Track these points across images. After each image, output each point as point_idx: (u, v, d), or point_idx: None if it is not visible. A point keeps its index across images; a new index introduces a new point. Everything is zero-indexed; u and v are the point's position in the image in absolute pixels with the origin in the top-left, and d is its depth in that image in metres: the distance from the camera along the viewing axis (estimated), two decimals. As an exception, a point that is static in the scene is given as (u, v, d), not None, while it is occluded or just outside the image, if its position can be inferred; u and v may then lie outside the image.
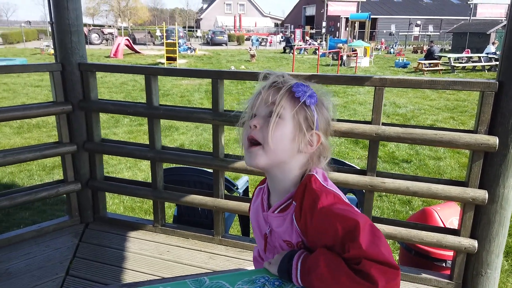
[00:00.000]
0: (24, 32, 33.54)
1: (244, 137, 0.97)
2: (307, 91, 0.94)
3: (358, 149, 5.96)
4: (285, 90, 0.93)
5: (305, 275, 0.88)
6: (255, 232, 1.11)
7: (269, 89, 0.94)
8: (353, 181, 2.10)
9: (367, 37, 26.24)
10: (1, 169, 4.95)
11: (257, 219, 1.08)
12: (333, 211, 0.87)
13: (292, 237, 0.96)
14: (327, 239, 0.86)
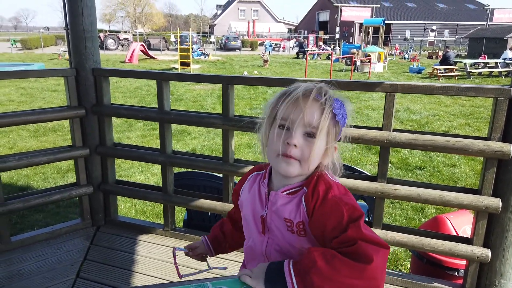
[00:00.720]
0: (42, 37, 34.32)
1: (275, 143, 0.97)
2: (342, 110, 0.99)
3: (371, 155, 5.91)
4: (329, 113, 0.96)
5: (303, 276, 0.88)
6: (247, 217, 1.13)
7: (310, 105, 0.95)
8: (363, 187, 2.08)
9: (381, 43, 26.06)
10: (17, 171, 5.05)
11: (253, 203, 1.10)
12: (342, 199, 0.96)
13: (296, 216, 1.00)
14: (331, 222, 0.93)
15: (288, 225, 1.02)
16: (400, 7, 47.92)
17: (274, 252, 1.07)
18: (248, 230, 1.15)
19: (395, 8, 47.49)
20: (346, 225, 0.91)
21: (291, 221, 1.01)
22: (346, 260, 0.85)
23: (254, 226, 1.10)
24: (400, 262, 3.14)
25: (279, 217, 1.03)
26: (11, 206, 2.41)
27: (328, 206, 0.96)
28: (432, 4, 50.10)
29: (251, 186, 1.14)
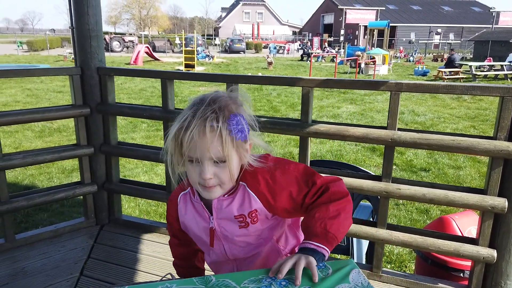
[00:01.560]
0: (48, 39, 34.58)
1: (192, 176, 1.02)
2: (240, 123, 0.99)
3: (375, 156, 5.89)
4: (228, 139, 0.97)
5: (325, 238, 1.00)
6: (196, 237, 1.19)
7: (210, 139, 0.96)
8: (367, 187, 2.07)
9: (386, 45, 26.02)
10: (22, 171, 5.08)
11: (195, 221, 1.15)
12: (283, 163, 1.10)
13: (245, 208, 1.08)
14: (293, 188, 1.06)
15: (240, 221, 1.09)
16: (405, 10, 47.83)
17: (237, 252, 1.16)
18: (203, 247, 1.22)
19: (400, 11, 47.41)
20: (307, 181, 1.07)
21: (242, 215, 1.08)
22: (334, 203, 1.04)
23: (204, 241, 1.17)
24: (404, 264, 3.12)
25: (229, 219, 1.09)
26: (16, 204, 2.42)
27: (279, 178, 1.07)
28: (437, 7, 49.98)
29: (185, 207, 1.17)
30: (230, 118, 0.98)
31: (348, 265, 0.95)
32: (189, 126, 0.95)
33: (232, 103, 1.02)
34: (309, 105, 2.12)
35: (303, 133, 2.14)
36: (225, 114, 0.98)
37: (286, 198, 1.07)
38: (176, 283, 0.89)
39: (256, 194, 1.07)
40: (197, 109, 0.98)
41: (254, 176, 1.07)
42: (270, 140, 6.77)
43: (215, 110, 0.97)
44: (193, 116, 0.97)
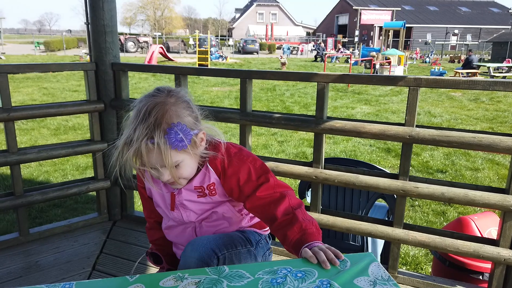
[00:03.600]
0: (65, 40, 35.15)
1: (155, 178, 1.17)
2: (178, 134, 1.05)
3: (390, 157, 5.79)
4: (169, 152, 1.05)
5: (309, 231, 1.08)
6: (158, 201, 1.32)
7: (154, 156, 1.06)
8: (384, 185, 2.02)
9: (402, 46, 25.68)
10: (37, 168, 5.14)
11: (160, 187, 1.27)
12: (243, 153, 1.21)
13: (204, 181, 1.20)
14: (242, 175, 1.17)
15: (199, 191, 1.22)
16: (421, 10, 47.22)
17: (193, 217, 1.27)
18: (163, 212, 1.34)
19: (416, 11, 46.83)
20: (259, 176, 1.17)
21: (201, 187, 1.21)
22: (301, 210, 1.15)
23: (166, 205, 1.29)
24: (420, 266, 3.05)
25: (190, 189, 1.22)
26: (30, 198, 2.44)
27: (235, 162, 1.18)
28: (455, 7, 49.22)
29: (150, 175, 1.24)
30: (167, 132, 1.04)
31: (367, 258, 0.91)
32: (131, 144, 1.04)
33: (169, 108, 1.07)
34: (324, 101, 2.08)
35: (318, 130, 2.10)
36: (162, 128, 1.04)
37: (234, 183, 1.18)
38: (189, 273, 0.86)
39: (214, 169, 1.19)
40: (136, 125, 1.05)
41: (214, 157, 1.19)
42: (283, 140, 6.73)
43: (150, 127, 1.03)
44: (134, 132, 1.05)
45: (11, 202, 2.36)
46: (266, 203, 1.14)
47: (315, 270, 0.86)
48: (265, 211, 1.15)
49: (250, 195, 1.17)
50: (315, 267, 0.88)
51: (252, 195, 1.16)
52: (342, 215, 2.20)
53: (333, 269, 0.87)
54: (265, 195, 1.15)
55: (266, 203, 1.14)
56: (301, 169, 2.19)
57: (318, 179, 2.15)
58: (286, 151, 6.12)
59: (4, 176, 4.67)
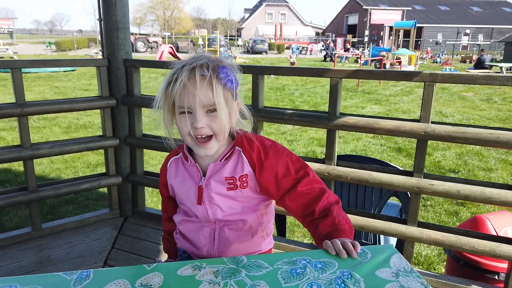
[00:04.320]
0: (76, 40, 35.51)
1: (184, 128, 1.04)
2: (229, 74, 1.03)
3: (401, 157, 5.73)
4: (219, 86, 1.00)
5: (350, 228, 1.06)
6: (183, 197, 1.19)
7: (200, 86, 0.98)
8: (398, 182, 1.99)
9: (412, 46, 25.46)
10: (49, 165, 5.19)
11: (184, 183, 1.16)
12: (278, 146, 1.14)
13: (237, 171, 1.11)
14: (280, 168, 1.10)
15: (230, 183, 1.11)
16: (432, 10, 46.77)
17: (220, 215, 1.14)
18: (188, 209, 1.20)
19: (427, 11, 46.40)
20: (298, 169, 1.11)
21: (232, 178, 1.11)
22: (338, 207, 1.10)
23: (191, 200, 1.16)
24: (433, 266, 3.00)
25: (219, 180, 1.11)
26: (43, 193, 2.46)
27: (271, 155, 1.11)
28: (466, 7, 48.67)
29: (175, 171, 1.20)
30: (219, 67, 1.01)
31: (388, 250, 0.89)
32: (178, 77, 0.98)
33: (222, 59, 1.06)
34: (337, 97, 2.06)
35: (331, 126, 2.08)
36: (215, 64, 1.02)
37: (271, 176, 1.10)
38: (207, 262, 0.85)
39: (249, 160, 1.11)
40: (185, 63, 1.02)
41: (251, 144, 1.12)
42: (293, 139, 6.70)
43: (204, 61, 1.01)
44: (181, 68, 1.00)
45: (24, 197, 2.38)
46: (307, 200, 1.09)
47: (335, 261, 0.84)
48: (304, 207, 1.09)
49: (290, 190, 1.10)
50: (335, 258, 0.86)
51: (292, 190, 1.10)
52: (354, 213, 2.18)
53: (353, 260, 0.85)
54: (306, 190, 1.09)
55: (307, 199, 1.09)
56: (313, 166, 2.17)
57: (331, 176, 2.13)
58: (295, 150, 6.09)
59: (16, 172, 4.72)
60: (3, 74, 14.06)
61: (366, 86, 13.37)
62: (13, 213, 3.64)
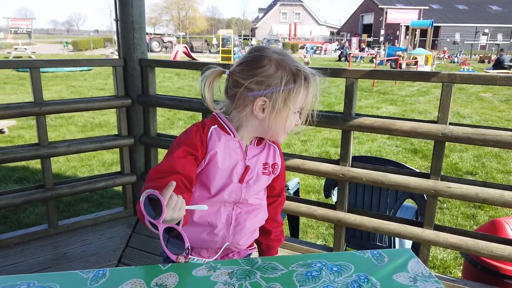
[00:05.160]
0: (92, 40, 36.04)
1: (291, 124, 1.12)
2: None
3: (417, 158, 5.65)
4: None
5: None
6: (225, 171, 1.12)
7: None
8: (414, 184, 1.96)
9: (429, 46, 25.09)
10: (65, 163, 5.27)
11: (230, 157, 1.13)
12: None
13: (270, 159, 1.18)
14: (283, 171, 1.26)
15: (265, 168, 1.17)
16: (450, 9, 46.01)
17: (248, 197, 1.16)
18: (221, 183, 1.13)
19: (444, 10, 45.66)
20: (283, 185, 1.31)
21: (267, 164, 1.17)
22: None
23: (231, 176, 1.13)
24: (449, 270, 2.95)
25: (258, 163, 1.16)
26: (60, 191, 2.49)
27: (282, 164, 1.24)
28: (485, 6, 47.72)
29: (219, 139, 1.12)
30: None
31: (405, 254, 0.87)
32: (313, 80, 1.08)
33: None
34: (353, 97, 2.04)
35: (346, 126, 2.06)
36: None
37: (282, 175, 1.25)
38: (221, 263, 0.85)
39: (279, 151, 1.22)
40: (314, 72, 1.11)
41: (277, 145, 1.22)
42: (306, 139, 6.67)
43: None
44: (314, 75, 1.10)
45: (41, 195, 2.42)
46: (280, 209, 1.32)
47: (351, 264, 0.83)
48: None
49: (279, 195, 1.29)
50: (351, 261, 0.85)
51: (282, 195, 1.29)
52: (369, 214, 2.15)
53: (370, 264, 0.84)
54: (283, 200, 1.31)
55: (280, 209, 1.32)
56: (327, 167, 2.15)
57: (345, 177, 2.11)
58: (309, 150, 6.06)
59: (34, 170, 4.81)
60: (22, 73, 14.36)
61: (382, 86, 13.23)
62: (30, 210, 3.71)
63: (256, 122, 1.09)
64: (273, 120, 1.07)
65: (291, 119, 1.09)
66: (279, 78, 1.04)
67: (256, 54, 1.08)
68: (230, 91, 1.12)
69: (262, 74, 1.04)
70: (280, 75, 1.04)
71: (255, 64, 1.06)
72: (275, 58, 1.06)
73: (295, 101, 1.06)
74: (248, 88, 1.05)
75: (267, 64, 1.05)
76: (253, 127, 1.11)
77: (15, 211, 3.57)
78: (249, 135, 1.14)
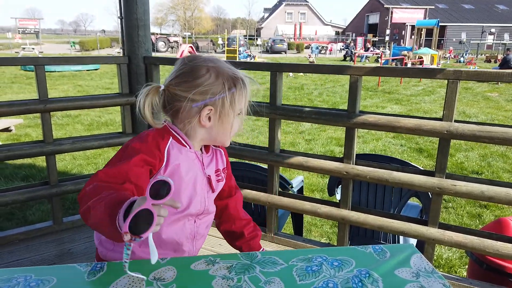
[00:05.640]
0: (99, 40, 36.23)
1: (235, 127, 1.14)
2: None
3: (422, 158, 5.62)
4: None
5: None
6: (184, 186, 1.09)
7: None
8: (419, 182, 1.94)
9: (435, 45, 24.95)
10: (71, 161, 5.30)
11: (189, 169, 1.11)
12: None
13: (221, 164, 1.22)
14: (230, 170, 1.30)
15: (218, 174, 1.20)
16: (456, 8, 45.71)
17: (210, 206, 1.19)
18: (188, 196, 1.10)
19: (450, 9, 45.37)
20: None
21: (219, 170, 1.21)
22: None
23: (197, 189, 1.13)
24: (454, 269, 2.93)
25: (212, 172, 1.18)
26: (64, 187, 2.50)
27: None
28: (491, 5, 47.34)
29: (179, 153, 1.07)
30: None
31: (408, 249, 0.86)
32: (246, 84, 1.10)
33: None
34: (357, 95, 2.02)
35: (350, 124, 2.04)
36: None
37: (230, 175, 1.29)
38: (220, 257, 0.85)
39: (224, 154, 1.25)
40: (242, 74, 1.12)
41: (222, 148, 1.25)
42: (311, 138, 6.65)
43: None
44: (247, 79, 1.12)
45: (46, 191, 2.43)
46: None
47: (352, 259, 0.82)
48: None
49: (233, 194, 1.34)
50: (352, 256, 0.84)
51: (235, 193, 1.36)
52: (373, 213, 2.14)
53: (371, 259, 0.83)
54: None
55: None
56: (331, 165, 2.14)
57: (349, 175, 2.10)
58: (314, 149, 6.04)
59: (40, 168, 4.85)
60: (29, 73, 14.46)
61: (387, 85, 13.17)
62: (36, 208, 3.73)
63: (203, 131, 1.10)
64: (219, 126, 1.09)
65: (236, 122, 1.12)
66: (221, 84, 1.05)
67: (191, 64, 1.07)
68: (169, 106, 1.07)
69: (204, 84, 1.04)
70: (222, 82, 1.06)
71: (194, 75, 1.05)
72: (211, 66, 1.07)
73: (238, 103, 1.09)
74: (192, 99, 1.04)
75: (206, 73, 1.05)
76: (201, 136, 1.11)
77: (21, 208, 3.60)
78: (197, 145, 1.14)
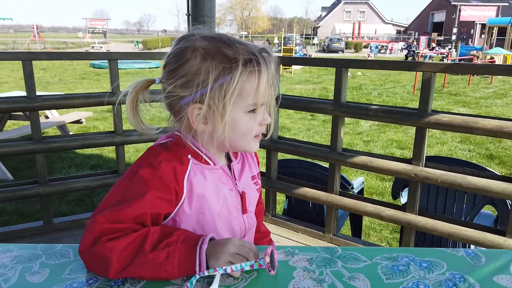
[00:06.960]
0: (160, 39, 37.89)
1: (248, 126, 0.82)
2: None
3: (493, 165, 5.21)
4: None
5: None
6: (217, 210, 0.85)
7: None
8: (497, 188, 1.79)
9: (508, 45, 23.12)
10: (134, 153, 5.57)
11: (220, 189, 0.86)
12: None
13: (253, 169, 0.96)
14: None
15: (255, 182, 0.96)
16: (534, 5, 42.04)
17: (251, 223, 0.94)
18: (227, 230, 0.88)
19: (526, 6, 41.81)
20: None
21: (255, 176, 0.96)
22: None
23: (228, 211, 0.88)
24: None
25: (248, 181, 0.93)
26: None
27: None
28: None
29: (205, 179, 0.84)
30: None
31: (506, 255, 0.79)
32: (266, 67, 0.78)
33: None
34: (430, 93, 1.91)
35: (421, 124, 1.94)
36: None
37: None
38: (299, 249, 0.83)
39: (256, 156, 1.00)
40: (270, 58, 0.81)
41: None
42: (369, 140, 6.44)
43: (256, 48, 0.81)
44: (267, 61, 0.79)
45: (115, 179, 2.56)
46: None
47: (443, 262, 0.77)
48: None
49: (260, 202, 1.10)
50: (442, 258, 0.78)
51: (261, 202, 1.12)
52: (443, 219, 2.01)
53: (465, 263, 0.77)
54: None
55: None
56: (398, 166, 2.04)
57: (418, 178, 1.99)
58: (372, 151, 5.84)
59: (107, 158, 5.14)
60: (98, 70, 15.46)
61: (453, 87, 12.42)
62: (103, 196, 3.96)
63: (207, 135, 0.81)
64: (221, 129, 0.78)
65: (248, 122, 0.81)
66: (207, 71, 0.76)
67: (179, 46, 0.81)
68: (169, 106, 0.86)
69: (186, 71, 0.77)
70: (208, 68, 0.76)
71: (180, 60, 0.79)
72: (200, 45, 0.78)
73: (247, 95, 0.77)
74: (181, 96, 0.79)
75: (191, 57, 0.78)
76: (215, 145, 0.84)
77: (90, 195, 3.83)
78: (220, 156, 0.88)
